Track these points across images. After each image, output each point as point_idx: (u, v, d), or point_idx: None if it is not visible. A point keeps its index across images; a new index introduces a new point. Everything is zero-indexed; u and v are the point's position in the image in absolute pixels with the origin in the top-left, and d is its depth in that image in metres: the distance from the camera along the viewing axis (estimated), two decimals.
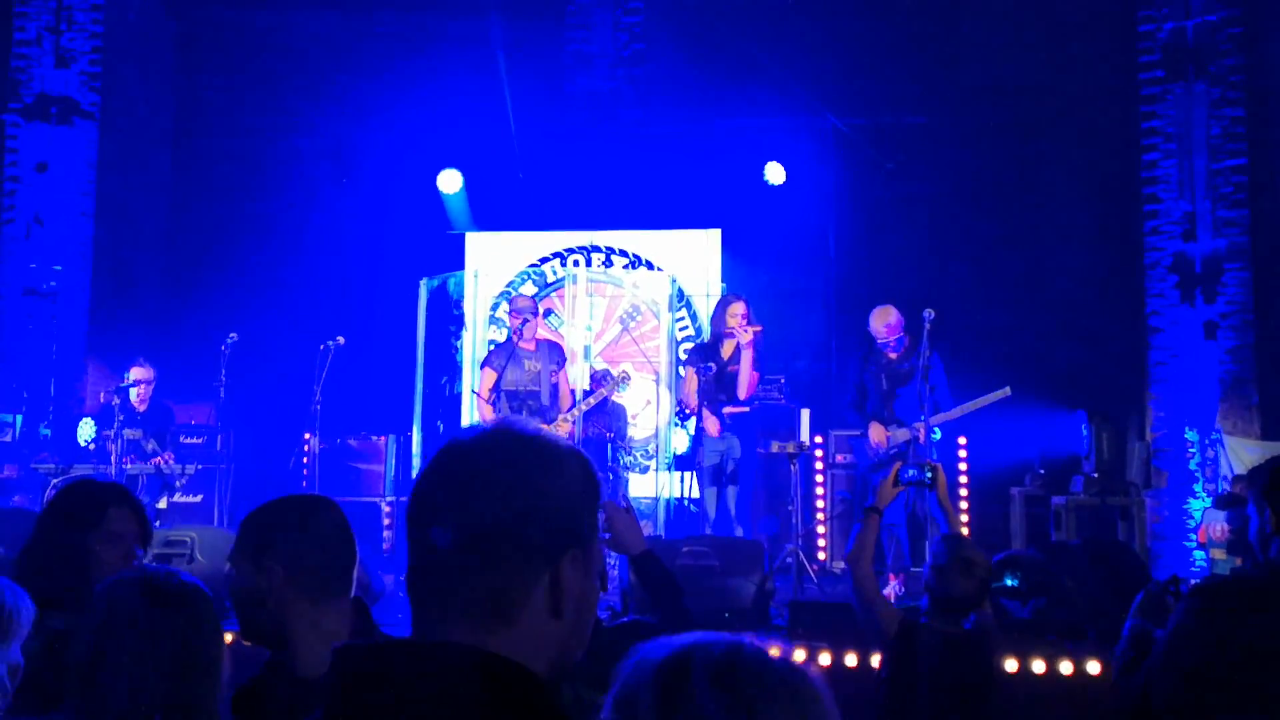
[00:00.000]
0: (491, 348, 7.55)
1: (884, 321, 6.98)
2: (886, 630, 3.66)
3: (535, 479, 1.28)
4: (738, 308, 7.21)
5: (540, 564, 1.26)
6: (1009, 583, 5.11)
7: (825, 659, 4.94)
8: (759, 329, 7.19)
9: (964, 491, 7.95)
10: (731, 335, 7.22)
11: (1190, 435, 8.72)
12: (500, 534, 1.24)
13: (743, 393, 7.19)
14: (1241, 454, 8.35)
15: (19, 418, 9.03)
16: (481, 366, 7.34)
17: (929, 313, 6.64)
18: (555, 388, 7.27)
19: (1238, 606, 2.46)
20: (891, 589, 6.81)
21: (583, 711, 1.23)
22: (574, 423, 7.42)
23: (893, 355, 6.93)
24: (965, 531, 7.45)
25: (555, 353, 7.39)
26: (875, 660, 4.59)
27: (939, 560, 3.64)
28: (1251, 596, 2.51)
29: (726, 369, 7.20)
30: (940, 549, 3.70)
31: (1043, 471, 8.34)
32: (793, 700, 1.13)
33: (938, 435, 6.91)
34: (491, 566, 1.24)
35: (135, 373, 7.90)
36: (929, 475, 3.93)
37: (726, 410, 7.12)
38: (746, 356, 7.13)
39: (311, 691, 1.61)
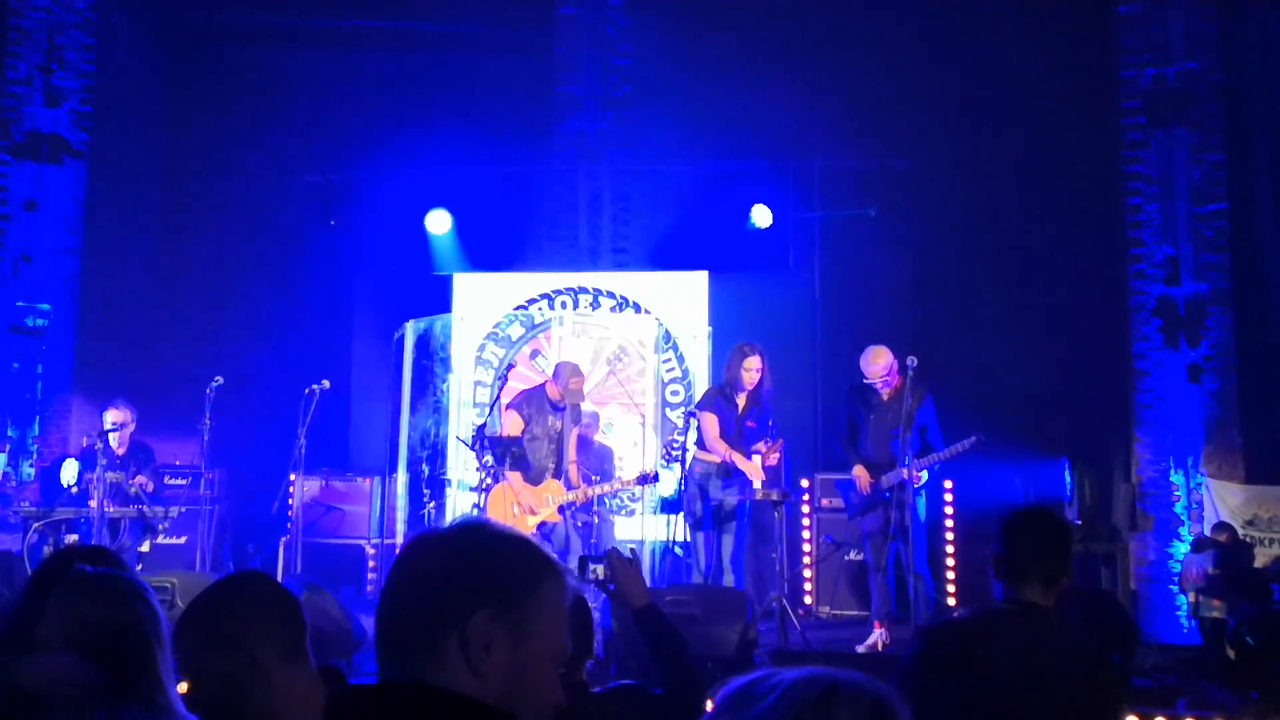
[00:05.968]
0: (496, 388, 7.36)
1: (875, 363, 6.87)
2: None
3: (456, 547, 1.44)
4: (753, 361, 7.08)
5: (448, 618, 1.38)
6: None
7: None
8: (780, 444, 7.09)
9: (950, 535, 7.95)
10: (744, 388, 7.16)
11: (1176, 478, 8.74)
12: (416, 585, 1.43)
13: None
14: (1226, 497, 8.38)
15: (3, 457, 8.99)
16: (507, 408, 7.17)
17: (912, 360, 6.67)
18: (563, 450, 7.18)
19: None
20: (877, 638, 6.74)
21: None
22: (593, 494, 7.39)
23: (884, 396, 6.87)
24: (951, 576, 7.47)
25: (577, 414, 7.29)
26: None
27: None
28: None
29: (744, 423, 7.14)
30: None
31: None
32: None
33: (925, 478, 6.84)
34: (413, 615, 1.41)
35: (113, 415, 7.85)
36: None
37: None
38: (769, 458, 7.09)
39: None
